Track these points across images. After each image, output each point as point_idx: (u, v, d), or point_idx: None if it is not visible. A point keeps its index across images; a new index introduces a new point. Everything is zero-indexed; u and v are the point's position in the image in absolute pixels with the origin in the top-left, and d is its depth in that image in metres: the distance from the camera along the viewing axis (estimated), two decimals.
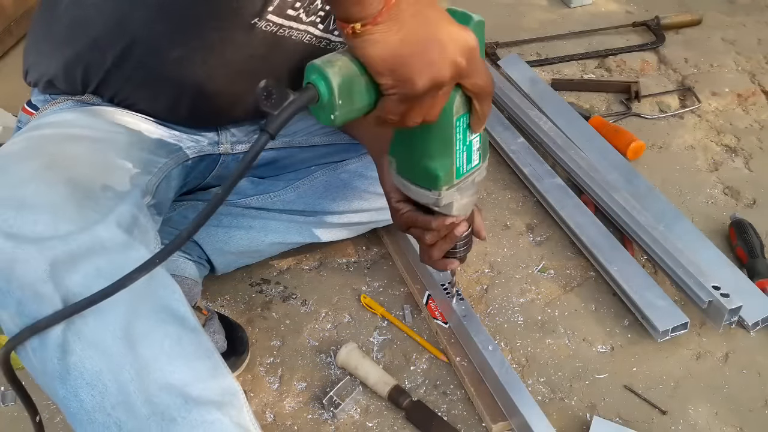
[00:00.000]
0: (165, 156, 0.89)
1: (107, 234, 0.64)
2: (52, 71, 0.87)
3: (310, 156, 1.13)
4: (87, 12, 0.82)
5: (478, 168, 0.75)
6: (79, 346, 0.60)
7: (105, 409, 0.60)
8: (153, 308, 0.64)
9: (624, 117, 1.54)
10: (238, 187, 1.12)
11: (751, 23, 1.89)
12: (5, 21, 1.89)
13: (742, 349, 1.04)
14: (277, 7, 0.81)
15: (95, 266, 0.61)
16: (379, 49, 0.56)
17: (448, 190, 0.73)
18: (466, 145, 0.71)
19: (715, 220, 1.27)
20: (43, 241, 0.61)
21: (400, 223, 0.85)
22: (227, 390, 0.65)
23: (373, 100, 0.61)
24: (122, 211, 0.67)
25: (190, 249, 1.07)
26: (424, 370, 1.04)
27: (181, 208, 1.09)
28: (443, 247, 0.83)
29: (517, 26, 1.93)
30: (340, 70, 0.58)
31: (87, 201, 0.66)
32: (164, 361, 0.62)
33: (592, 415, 0.95)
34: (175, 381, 0.62)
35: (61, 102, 0.87)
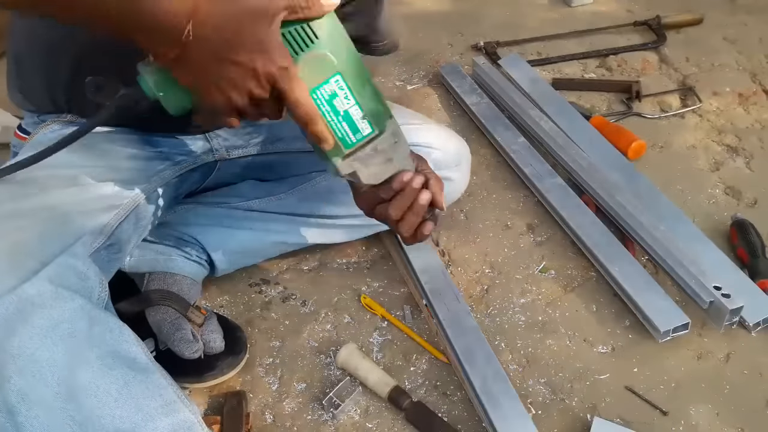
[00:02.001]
0: (144, 181, 0.89)
1: (35, 291, 0.63)
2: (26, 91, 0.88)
3: (309, 161, 1.13)
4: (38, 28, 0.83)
5: (374, 136, 0.76)
6: (25, 407, 0.60)
7: None
8: (98, 355, 0.64)
9: (625, 117, 1.54)
10: (239, 189, 1.12)
11: (753, 22, 1.88)
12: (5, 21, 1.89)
13: (743, 350, 1.04)
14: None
15: (30, 325, 0.61)
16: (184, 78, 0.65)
17: (344, 161, 0.77)
18: (341, 116, 0.73)
19: (717, 220, 1.26)
20: None
21: (362, 203, 0.89)
22: (180, 425, 0.66)
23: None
24: (57, 264, 0.67)
25: (189, 249, 1.07)
26: (425, 370, 1.04)
27: (182, 211, 1.09)
28: (411, 220, 0.83)
29: (518, 25, 1.92)
30: (155, 71, 0.67)
31: (23, 263, 0.65)
32: (112, 407, 0.62)
33: (593, 416, 0.95)
34: (124, 425, 0.62)
35: (50, 125, 0.88)
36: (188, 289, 1.03)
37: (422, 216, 0.84)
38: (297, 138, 1.10)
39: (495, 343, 1.06)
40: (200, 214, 1.09)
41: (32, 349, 0.61)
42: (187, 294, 1.02)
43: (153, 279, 1.02)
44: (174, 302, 0.98)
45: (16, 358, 0.60)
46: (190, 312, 0.99)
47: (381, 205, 0.84)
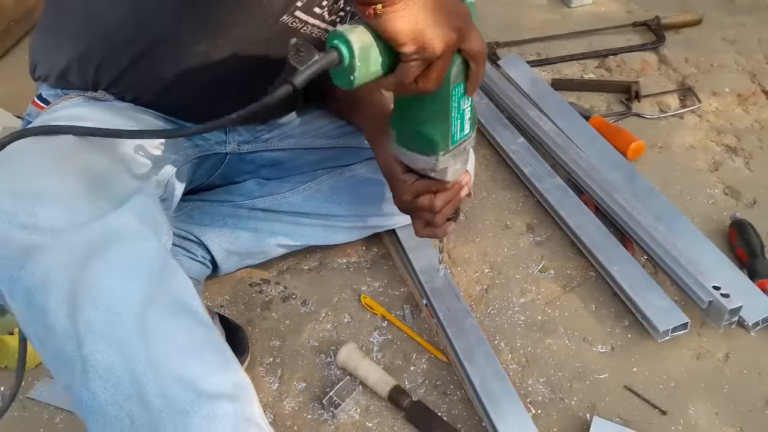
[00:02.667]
0: (174, 153, 0.90)
1: (121, 223, 0.63)
2: (63, 64, 0.87)
3: (316, 158, 1.14)
4: (101, 9, 0.81)
5: (469, 136, 0.83)
6: (91, 339, 0.59)
7: (118, 402, 0.59)
8: (166, 301, 0.63)
9: (624, 117, 1.54)
10: (244, 187, 1.12)
11: (752, 23, 1.88)
12: (5, 21, 1.89)
13: (742, 349, 1.04)
14: (305, 5, 0.82)
15: (108, 257, 0.61)
16: (402, 23, 0.64)
17: (444, 156, 0.81)
18: (461, 113, 0.78)
19: (716, 220, 1.27)
20: (60, 231, 0.60)
21: (407, 194, 0.90)
22: (239, 384, 0.65)
23: (387, 65, 0.69)
24: (136, 201, 0.67)
25: (194, 249, 1.08)
26: (424, 370, 1.04)
27: (186, 209, 1.09)
28: (447, 212, 0.91)
29: (518, 26, 1.93)
30: (359, 36, 0.66)
31: (100, 192, 0.65)
32: (177, 354, 0.61)
33: (593, 416, 0.95)
34: (188, 374, 0.61)
35: (73, 98, 0.87)
36: None
37: (457, 207, 0.92)
38: (305, 134, 1.11)
39: (495, 342, 1.07)
40: (205, 212, 1.09)
41: (109, 282, 0.60)
42: None
43: None
44: None
45: (91, 288, 0.59)
46: None
47: (425, 196, 0.89)
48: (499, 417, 0.91)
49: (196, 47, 0.83)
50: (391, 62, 0.69)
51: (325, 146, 1.13)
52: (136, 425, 0.59)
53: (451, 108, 0.76)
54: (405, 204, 0.92)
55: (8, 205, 0.61)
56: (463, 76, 0.75)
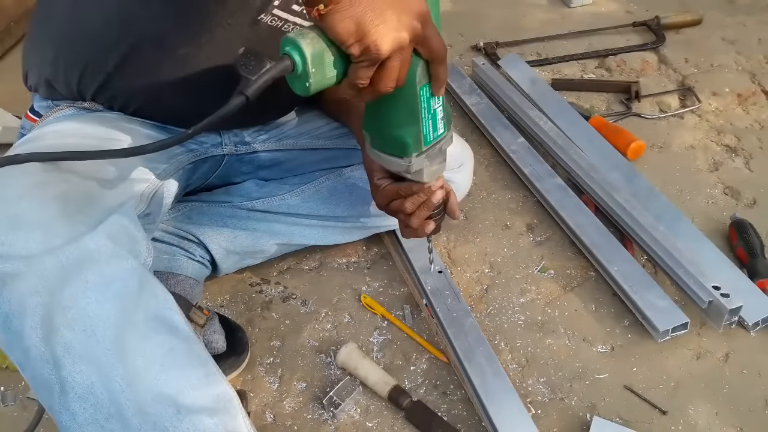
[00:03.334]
0: (164, 161, 0.89)
1: (94, 245, 0.63)
2: (49, 73, 0.87)
3: (314, 159, 1.14)
4: (86, 12, 0.81)
5: (444, 136, 0.82)
6: (69, 360, 0.60)
7: (98, 422, 0.60)
8: (144, 318, 0.64)
9: (624, 117, 1.54)
10: (243, 188, 1.12)
11: (752, 23, 1.88)
12: (5, 21, 1.89)
13: (742, 349, 1.04)
14: (283, 2, 0.82)
15: (83, 279, 0.61)
16: (344, 24, 0.63)
17: (418, 157, 0.80)
18: (431, 114, 0.78)
19: (716, 220, 1.27)
20: (34, 257, 0.61)
21: (381, 198, 0.92)
22: (221, 396, 0.65)
23: (342, 70, 0.68)
24: (111, 222, 0.67)
25: (193, 249, 1.08)
26: (424, 370, 1.04)
27: (185, 209, 1.09)
28: (421, 214, 0.91)
29: (517, 26, 1.93)
30: (311, 42, 0.65)
31: (77, 215, 0.66)
32: (156, 371, 0.62)
33: (593, 415, 0.95)
34: (168, 390, 0.62)
35: (63, 109, 0.87)
36: (190, 289, 1.03)
37: (432, 211, 0.92)
38: (303, 135, 1.11)
39: (495, 342, 1.07)
40: (204, 213, 1.09)
41: (84, 303, 0.60)
42: (190, 294, 1.02)
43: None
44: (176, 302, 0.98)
45: (67, 310, 0.60)
46: (192, 312, 0.99)
47: (397, 200, 0.90)
48: (499, 417, 0.92)
49: (180, 49, 0.82)
50: (346, 66, 0.68)
51: (323, 147, 1.13)
52: None
53: (421, 109, 0.76)
54: (382, 207, 0.94)
55: None
56: (428, 77, 0.74)
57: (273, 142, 1.08)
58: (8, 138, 1.49)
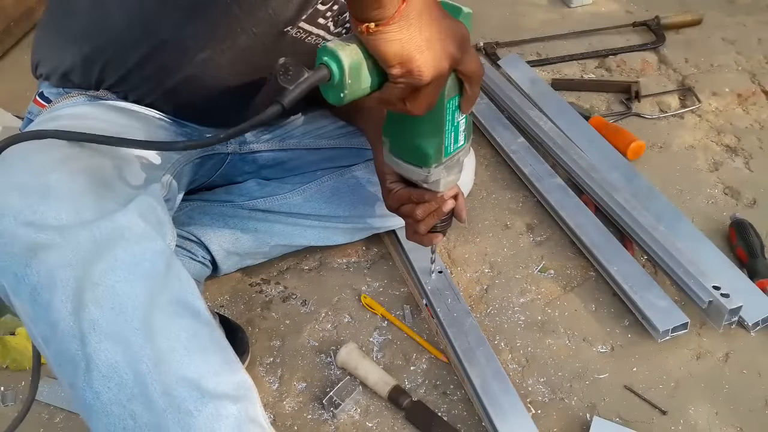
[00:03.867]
0: (178, 152, 0.90)
1: (126, 222, 0.63)
2: (67, 64, 0.87)
3: (317, 159, 1.14)
4: (110, 12, 0.81)
5: (463, 148, 0.82)
6: (95, 338, 0.59)
7: (121, 402, 0.59)
8: (170, 300, 0.63)
9: (624, 117, 1.54)
10: (245, 188, 1.12)
11: (752, 23, 1.88)
12: (5, 21, 1.89)
13: (742, 349, 1.04)
14: (310, 16, 0.82)
15: (114, 256, 0.61)
16: (392, 46, 0.63)
17: (437, 168, 0.80)
18: (455, 126, 0.77)
19: (716, 220, 1.27)
20: (66, 228, 0.60)
21: (392, 202, 0.92)
22: (242, 384, 0.65)
23: (377, 83, 0.67)
24: (141, 201, 0.67)
25: (194, 249, 1.08)
26: (424, 370, 1.04)
27: (187, 209, 1.09)
28: (430, 222, 0.91)
29: (517, 26, 1.93)
30: (350, 53, 0.64)
31: (106, 191, 0.65)
32: (181, 354, 0.61)
33: (593, 415, 0.95)
34: (192, 374, 0.61)
35: (75, 96, 0.87)
36: None
37: (440, 219, 0.92)
38: (306, 134, 1.11)
39: (494, 342, 1.07)
40: (205, 212, 1.09)
41: (113, 281, 0.60)
42: None
43: None
44: None
45: (96, 286, 0.59)
46: None
47: (408, 205, 0.90)
48: (499, 417, 0.92)
49: (202, 53, 0.83)
50: (382, 80, 0.68)
51: (326, 147, 1.13)
52: (139, 425, 0.59)
53: (446, 121, 0.76)
54: (392, 210, 0.94)
55: (14, 202, 0.61)
56: (457, 89, 0.74)
57: (276, 141, 1.08)
58: None
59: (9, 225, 0.60)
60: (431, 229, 0.93)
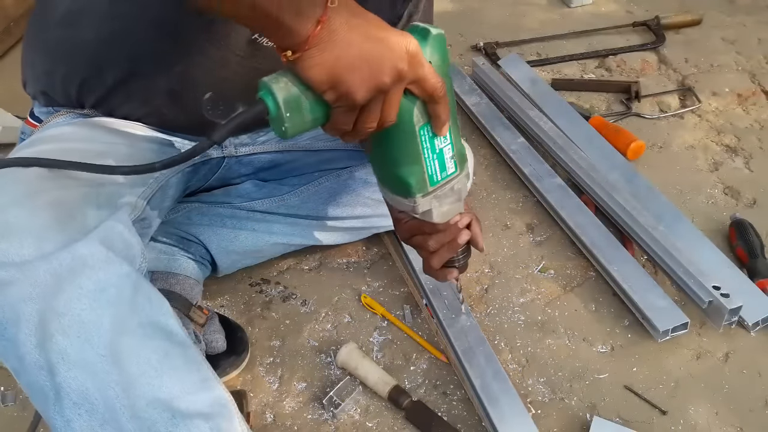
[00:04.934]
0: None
1: (87, 251, 0.63)
2: (46, 85, 0.87)
3: (314, 161, 1.14)
4: (80, 32, 0.82)
5: (455, 176, 0.77)
6: (64, 367, 0.60)
7: (93, 428, 0.60)
8: (139, 323, 0.64)
9: (624, 117, 1.54)
10: (242, 189, 1.12)
11: (752, 23, 1.88)
12: (5, 21, 1.89)
13: (742, 349, 1.04)
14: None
15: (77, 285, 0.61)
16: (314, 70, 0.60)
17: (424, 198, 0.75)
18: (437, 154, 0.73)
19: (716, 220, 1.27)
20: (27, 263, 0.61)
21: (403, 232, 0.89)
22: (216, 401, 0.65)
23: (322, 113, 0.64)
24: (105, 228, 0.67)
25: (193, 249, 1.08)
26: (424, 370, 1.04)
27: (184, 210, 1.09)
28: (444, 255, 0.86)
29: (517, 26, 1.93)
30: (285, 86, 0.61)
31: (70, 221, 0.65)
32: (151, 376, 0.62)
33: (593, 415, 0.95)
34: (163, 395, 0.62)
35: (64, 114, 0.87)
36: (190, 289, 1.03)
37: (455, 252, 0.87)
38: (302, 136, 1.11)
39: (495, 342, 1.07)
40: (204, 213, 1.09)
41: (79, 309, 0.60)
42: (189, 294, 1.02)
43: (155, 279, 1.03)
44: (176, 302, 0.99)
45: (62, 316, 0.60)
46: (192, 312, 0.99)
47: (420, 236, 0.86)
48: (499, 417, 0.92)
49: (177, 66, 0.82)
50: (327, 110, 0.64)
51: (323, 148, 1.13)
52: None
53: (423, 149, 0.71)
54: (403, 241, 0.91)
55: None
56: (428, 115, 0.69)
57: (272, 143, 1.08)
58: (8, 138, 1.49)
59: None
60: (446, 263, 0.88)
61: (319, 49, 0.59)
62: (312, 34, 0.58)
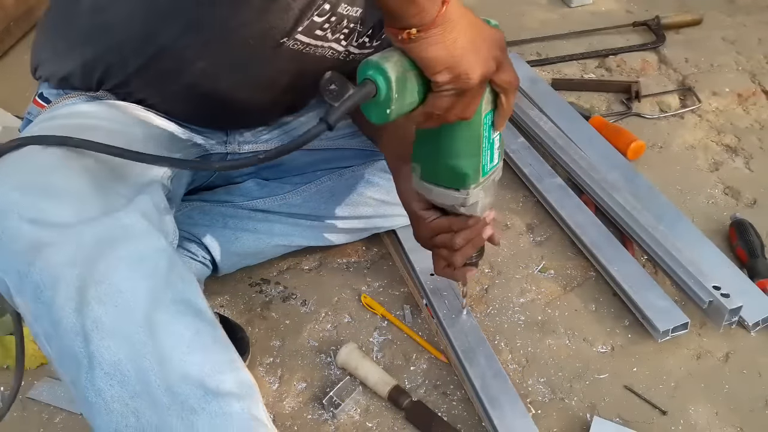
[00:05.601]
0: (178, 152, 0.90)
1: (129, 221, 0.63)
2: (68, 69, 0.87)
3: (316, 159, 1.14)
4: (111, 20, 0.81)
5: (497, 167, 0.78)
6: (98, 335, 0.59)
7: (123, 399, 0.59)
8: (173, 299, 0.63)
9: (624, 117, 1.54)
10: (244, 188, 1.12)
11: (752, 23, 1.88)
12: (5, 21, 1.89)
13: (742, 349, 1.04)
14: (306, 28, 0.81)
15: (117, 254, 0.61)
16: (437, 50, 0.61)
17: (475, 189, 0.76)
18: (491, 143, 0.74)
19: (716, 220, 1.27)
20: (69, 226, 0.60)
21: (426, 232, 0.87)
22: (244, 383, 0.65)
23: (421, 97, 0.65)
24: (143, 200, 0.67)
25: (194, 249, 1.08)
26: (424, 370, 1.04)
27: (186, 209, 1.09)
28: (468, 252, 0.86)
29: (518, 26, 1.93)
30: (395, 66, 0.61)
31: (108, 190, 0.65)
32: (184, 352, 0.61)
33: (593, 416, 0.95)
34: (195, 372, 0.61)
35: (74, 96, 0.87)
36: None
37: (478, 248, 0.87)
38: None
39: (495, 342, 1.07)
40: (205, 213, 1.10)
41: (117, 278, 0.60)
42: None
43: None
44: None
45: (99, 284, 0.59)
46: None
47: (445, 235, 0.85)
48: (499, 417, 0.91)
49: (199, 62, 0.83)
50: (425, 93, 0.65)
51: (326, 147, 1.13)
52: (141, 423, 0.60)
53: (483, 137, 0.72)
54: (424, 241, 0.89)
55: (18, 199, 0.61)
56: (492, 104, 0.71)
57: (276, 141, 1.08)
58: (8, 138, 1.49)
59: (13, 223, 0.60)
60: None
61: (441, 29, 0.60)
62: (439, 13, 0.60)
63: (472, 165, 0.74)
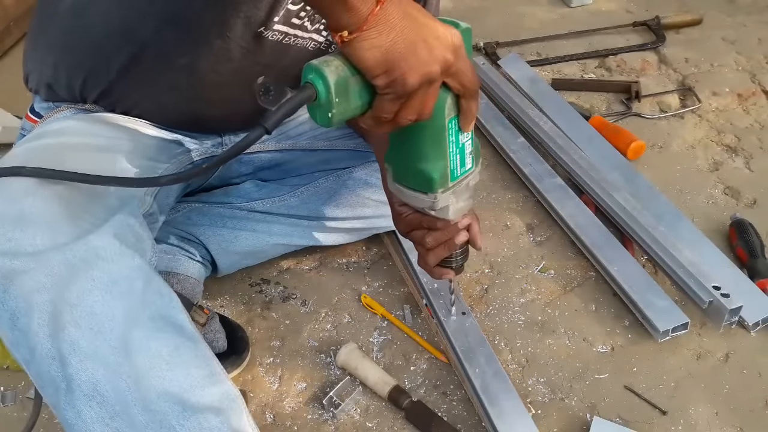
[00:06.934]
0: (166, 161, 0.89)
1: (101, 243, 0.64)
2: (51, 76, 0.87)
3: (314, 161, 1.14)
4: (89, 21, 0.81)
5: (471, 172, 0.78)
6: (75, 358, 0.60)
7: (104, 420, 0.60)
8: (150, 316, 0.64)
9: (624, 117, 1.54)
10: (242, 189, 1.12)
11: (752, 23, 1.88)
12: (5, 21, 1.89)
13: (742, 350, 1.04)
14: (283, 17, 0.81)
15: (90, 277, 0.61)
16: (370, 53, 0.59)
17: (444, 193, 0.75)
18: (459, 148, 0.74)
19: (716, 220, 1.27)
20: (40, 253, 0.61)
21: (402, 226, 0.87)
22: (225, 396, 0.66)
23: (367, 101, 0.63)
24: (117, 221, 0.67)
25: (194, 249, 1.08)
26: (424, 370, 1.04)
27: (184, 210, 1.10)
28: (440, 253, 0.85)
29: (517, 26, 1.93)
30: (336, 70, 0.60)
31: (82, 213, 0.66)
32: (162, 369, 0.62)
33: (593, 416, 0.95)
34: (173, 388, 0.62)
35: (64, 110, 0.87)
36: (191, 289, 1.03)
37: (452, 251, 0.86)
38: (303, 135, 1.11)
39: (495, 342, 1.07)
40: (204, 213, 1.10)
41: (91, 301, 0.60)
42: (190, 294, 1.02)
43: None
44: None
45: (74, 307, 0.60)
46: (193, 312, 0.99)
47: (419, 231, 0.85)
48: (499, 417, 0.91)
49: (181, 59, 0.82)
50: (371, 97, 0.63)
51: (323, 148, 1.13)
52: None
53: (448, 142, 0.72)
54: (402, 234, 0.90)
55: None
56: (456, 109, 0.70)
57: (272, 143, 1.08)
58: (8, 138, 1.49)
59: None
60: (442, 262, 0.87)
61: (376, 31, 0.58)
62: (372, 13, 0.57)
63: (438, 169, 0.73)
